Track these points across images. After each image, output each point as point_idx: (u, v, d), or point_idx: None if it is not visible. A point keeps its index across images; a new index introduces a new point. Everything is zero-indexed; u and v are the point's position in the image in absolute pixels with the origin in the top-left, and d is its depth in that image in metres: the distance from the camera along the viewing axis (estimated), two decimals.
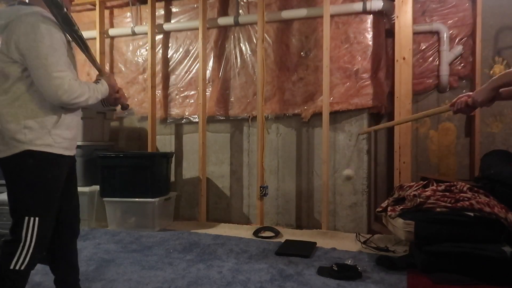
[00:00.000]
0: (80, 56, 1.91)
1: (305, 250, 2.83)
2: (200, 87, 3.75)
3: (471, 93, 1.86)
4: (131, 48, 4.24)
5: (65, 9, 1.60)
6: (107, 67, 4.29)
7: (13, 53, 1.54)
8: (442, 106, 3.02)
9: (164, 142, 4.11)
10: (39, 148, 1.60)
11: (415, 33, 3.38)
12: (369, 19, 3.37)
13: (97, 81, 1.77)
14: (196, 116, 3.91)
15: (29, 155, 1.59)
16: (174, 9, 4.09)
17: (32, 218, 1.60)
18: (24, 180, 1.60)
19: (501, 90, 1.67)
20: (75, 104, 1.62)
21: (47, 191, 1.64)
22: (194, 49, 3.96)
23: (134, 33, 4.17)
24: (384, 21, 3.48)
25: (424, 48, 3.51)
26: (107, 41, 4.28)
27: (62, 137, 1.67)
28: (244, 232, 3.41)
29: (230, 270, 2.49)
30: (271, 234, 3.30)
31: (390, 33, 3.47)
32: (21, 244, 1.58)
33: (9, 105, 1.58)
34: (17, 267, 1.57)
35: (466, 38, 3.43)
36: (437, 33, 3.44)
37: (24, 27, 1.53)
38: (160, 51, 4.10)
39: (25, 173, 1.60)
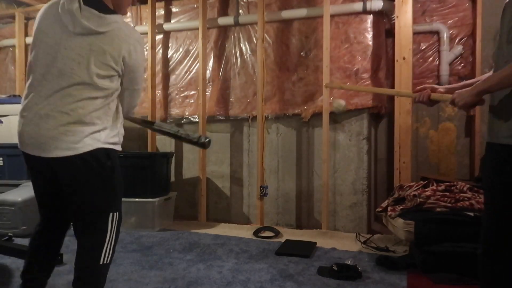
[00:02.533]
0: None
1: (305, 250, 2.83)
2: (200, 87, 3.75)
3: (436, 86, 1.76)
4: None
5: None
6: None
7: (117, 64, 1.56)
8: (407, 92, 2.88)
9: (164, 142, 4.11)
10: (108, 146, 1.62)
11: (415, 33, 3.38)
12: (369, 19, 3.37)
13: None
14: (196, 116, 3.91)
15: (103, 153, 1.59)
16: (174, 9, 4.09)
17: (115, 214, 1.63)
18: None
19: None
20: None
21: (121, 186, 1.69)
22: (194, 49, 3.96)
23: None
24: (384, 21, 3.48)
25: (424, 48, 3.51)
26: None
27: (121, 134, 1.74)
28: (244, 232, 3.41)
29: (230, 270, 2.49)
30: (271, 234, 3.30)
31: (390, 33, 3.47)
32: (106, 239, 1.61)
33: (94, 110, 1.55)
34: (105, 261, 1.62)
35: (466, 38, 3.43)
36: (437, 33, 3.44)
37: (133, 43, 1.60)
38: (160, 51, 4.10)
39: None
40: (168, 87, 4.10)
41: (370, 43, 3.37)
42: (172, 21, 4.08)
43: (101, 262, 1.61)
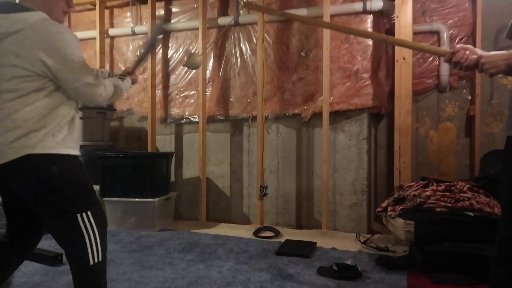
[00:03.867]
0: None
1: (305, 250, 2.83)
2: (200, 87, 3.75)
3: (477, 50, 1.47)
4: (131, 48, 4.24)
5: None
6: (107, 67, 4.29)
7: (37, 66, 1.47)
8: (442, 49, 2.69)
9: (164, 142, 4.11)
10: (50, 151, 1.54)
11: (415, 33, 3.38)
12: (369, 19, 3.36)
13: (122, 77, 1.80)
14: (196, 116, 3.91)
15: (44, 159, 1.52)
16: (174, 9, 4.09)
17: (83, 213, 1.56)
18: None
19: None
20: (106, 103, 1.72)
21: (78, 186, 1.60)
22: (194, 49, 3.96)
23: (134, 33, 4.17)
24: (384, 21, 3.48)
25: None
26: (107, 41, 4.29)
27: (71, 139, 1.63)
28: (244, 232, 3.41)
29: (230, 270, 2.49)
30: (271, 234, 3.30)
31: (390, 33, 3.47)
32: (85, 240, 1.55)
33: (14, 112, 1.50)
34: (96, 260, 1.57)
35: (466, 38, 3.43)
36: (437, 33, 3.44)
37: (48, 40, 1.47)
38: (160, 51, 4.10)
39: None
40: (168, 87, 4.10)
41: (370, 43, 3.37)
42: (172, 21, 4.08)
43: (91, 263, 1.56)
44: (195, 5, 3.92)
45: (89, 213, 1.58)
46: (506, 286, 1.41)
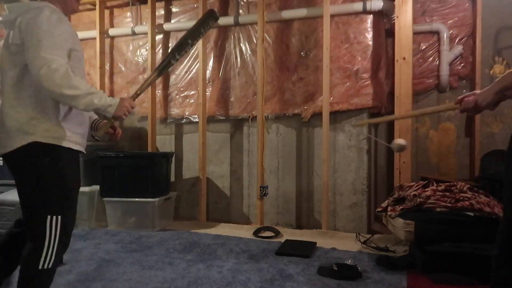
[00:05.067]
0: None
1: (305, 250, 2.83)
2: (200, 87, 3.75)
3: (477, 91, 1.71)
4: (131, 48, 4.24)
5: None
6: (107, 67, 4.29)
7: (18, 40, 1.54)
8: (447, 104, 2.97)
9: (164, 142, 4.11)
10: (47, 140, 1.56)
11: (415, 33, 3.38)
12: (369, 19, 3.37)
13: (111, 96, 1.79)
14: (196, 116, 3.91)
15: (39, 147, 1.54)
16: (174, 9, 4.08)
17: (53, 217, 1.57)
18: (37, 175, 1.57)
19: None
20: (60, 96, 1.49)
21: (62, 187, 1.60)
22: (194, 49, 3.95)
23: (134, 33, 4.17)
24: (384, 21, 3.48)
25: (424, 48, 3.51)
26: (107, 41, 4.28)
27: (72, 131, 1.64)
28: (244, 232, 3.41)
29: (230, 270, 2.48)
30: (271, 234, 3.30)
31: (390, 33, 3.47)
32: (45, 244, 1.56)
33: (17, 97, 1.56)
34: (45, 267, 1.56)
35: (466, 38, 3.43)
36: (437, 33, 3.45)
37: (29, 16, 1.53)
38: (160, 51, 4.09)
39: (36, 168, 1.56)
40: (168, 87, 4.10)
41: (370, 43, 3.37)
42: (172, 21, 4.08)
43: (40, 267, 1.55)
44: (195, 5, 3.92)
45: (59, 218, 1.58)
46: (506, 286, 1.41)
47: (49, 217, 1.56)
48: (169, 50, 1.92)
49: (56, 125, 1.57)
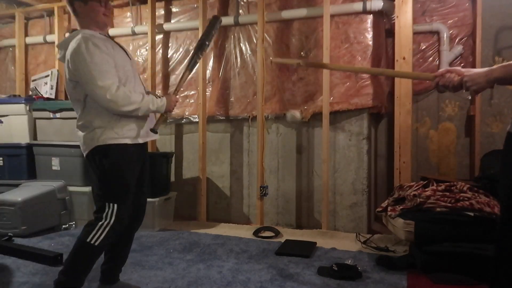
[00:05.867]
0: None
1: (305, 250, 2.83)
2: (200, 87, 3.75)
3: (462, 70, 1.56)
4: (131, 48, 4.24)
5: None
6: None
7: (72, 76, 1.85)
8: (425, 73, 2.77)
9: (164, 142, 4.11)
10: (103, 142, 1.88)
11: (415, 33, 3.37)
12: (369, 19, 3.36)
13: (159, 96, 2.03)
14: (196, 116, 3.90)
15: (98, 150, 1.88)
16: (174, 9, 4.08)
17: (111, 204, 1.89)
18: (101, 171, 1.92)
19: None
20: (124, 112, 1.84)
21: (117, 180, 1.91)
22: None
23: (134, 33, 4.17)
24: (384, 21, 3.48)
25: (424, 48, 3.51)
26: None
27: (125, 128, 1.91)
28: (244, 232, 3.41)
29: (230, 270, 2.49)
30: (271, 234, 3.30)
31: (390, 33, 3.47)
32: (100, 222, 1.86)
33: (83, 117, 1.92)
34: (92, 241, 1.83)
35: (466, 38, 3.43)
36: (437, 33, 3.44)
37: (70, 51, 1.82)
38: (160, 51, 4.10)
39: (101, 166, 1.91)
40: (168, 87, 4.10)
41: (370, 43, 3.37)
42: (172, 21, 4.08)
43: (87, 240, 1.84)
44: (195, 5, 3.92)
45: (115, 206, 1.88)
46: (506, 286, 1.41)
47: (107, 203, 1.89)
48: (192, 51, 2.24)
49: (109, 130, 1.87)
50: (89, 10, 1.89)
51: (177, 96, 2.10)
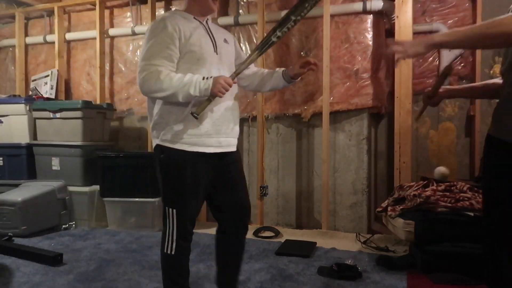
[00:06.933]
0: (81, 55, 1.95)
1: (305, 250, 2.83)
2: None
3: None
4: (131, 48, 4.24)
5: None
6: (107, 67, 4.28)
7: None
8: None
9: None
10: (163, 143, 1.73)
11: (415, 33, 3.37)
12: (369, 19, 3.36)
13: (206, 77, 1.64)
14: None
15: (158, 149, 1.75)
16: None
17: (170, 209, 1.76)
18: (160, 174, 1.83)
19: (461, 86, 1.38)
20: (157, 98, 1.68)
21: (175, 186, 1.79)
22: None
23: (134, 33, 4.17)
24: (384, 21, 3.48)
25: None
26: (107, 41, 4.28)
27: (187, 132, 1.70)
28: None
29: None
30: (271, 234, 3.30)
31: (390, 33, 3.47)
32: (166, 231, 1.77)
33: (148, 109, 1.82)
34: (168, 251, 1.77)
35: None
36: (437, 33, 3.44)
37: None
38: None
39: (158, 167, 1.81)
40: None
41: (370, 43, 3.37)
42: None
43: (164, 251, 1.78)
44: None
45: (174, 211, 1.76)
46: (506, 286, 1.41)
47: (166, 208, 1.78)
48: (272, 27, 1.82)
49: (170, 129, 1.70)
50: None
51: (235, 80, 1.71)
